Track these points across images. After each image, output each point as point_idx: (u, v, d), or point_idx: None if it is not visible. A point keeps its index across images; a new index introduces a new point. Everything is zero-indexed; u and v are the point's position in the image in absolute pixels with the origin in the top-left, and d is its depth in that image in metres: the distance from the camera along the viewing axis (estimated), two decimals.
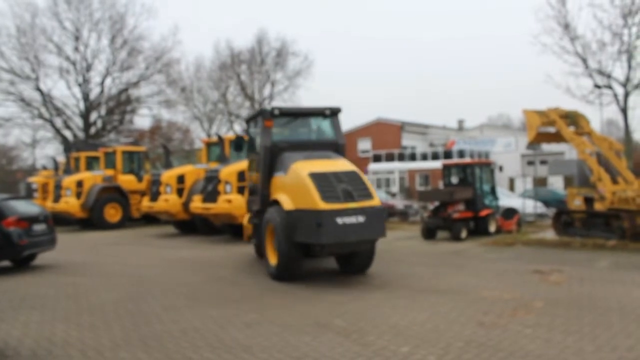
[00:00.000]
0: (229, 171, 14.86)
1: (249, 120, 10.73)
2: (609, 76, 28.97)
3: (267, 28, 79.07)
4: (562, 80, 60.09)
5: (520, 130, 42.99)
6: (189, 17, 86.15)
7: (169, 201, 17.29)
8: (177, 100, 43.46)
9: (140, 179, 22.18)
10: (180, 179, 17.87)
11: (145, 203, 18.42)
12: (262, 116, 9.44)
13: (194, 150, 41.65)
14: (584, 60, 29.19)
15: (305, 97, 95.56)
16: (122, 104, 40.16)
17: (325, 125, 10.12)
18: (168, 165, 20.14)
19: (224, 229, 16.36)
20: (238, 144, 10.69)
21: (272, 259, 8.72)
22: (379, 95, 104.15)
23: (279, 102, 47.77)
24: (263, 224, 9.15)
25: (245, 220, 11.38)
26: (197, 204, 15.32)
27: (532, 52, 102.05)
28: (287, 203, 8.40)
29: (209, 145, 19.95)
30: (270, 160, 9.30)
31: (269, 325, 5.96)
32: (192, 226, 17.81)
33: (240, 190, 14.76)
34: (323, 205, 7.72)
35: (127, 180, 21.86)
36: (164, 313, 6.61)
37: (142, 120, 58.37)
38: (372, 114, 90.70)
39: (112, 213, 21.05)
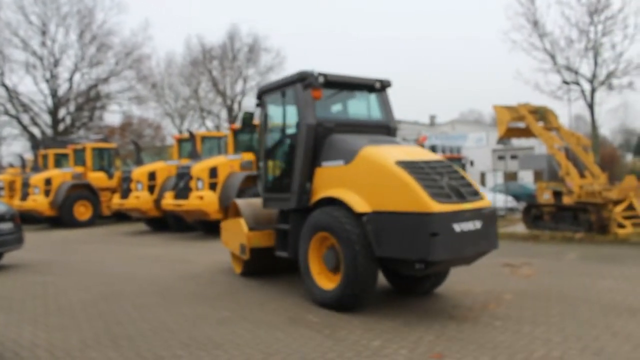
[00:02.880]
0: (200, 167, 14.78)
1: (267, 91, 7.79)
2: (576, 72, 29.50)
3: (239, 24, 78.48)
4: (532, 76, 60.97)
5: (491, 126, 43.59)
6: (159, 12, 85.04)
7: (140, 198, 17.08)
8: (148, 96, 42.94)
9: (110, 176, 21.88)
10: (152, 175, 17.68)
11: (116, 200, 18.17)
12: (305, 83, 6.91)
13: (165, 146, 41.23)
14: (552, 57, 29.65)
15: None
16: (92, 100, 39.45)
17: (372, 102, 7.81)
18: (139, 162, 19.91)
19: (196, 226, 16.29)
20: (246, 121, 8.44)
21: (327, 281, 6.47)
22: None
23: (251, 99, 47.54)
24: (305, 230, 6.68)
25: (231, 220, 9.04)
26: (169, 201, 15.17)
27: (503, 49, 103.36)
28: (359, 203, 6.04)
29: (180, 141, 19.81)
30: (315, 144, 6.92)
31: (242, 322, 5.94)
32: (164, 223, 17.67)
33: (212, 187, 14.70)
34: (436, 207, 5.48)
35: (97, 178, 21.52)
36: (135, 312, 6.53)
37: (112, 116, 57.78)
38: None
39: (82, 211, 20.71)
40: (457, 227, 5.57)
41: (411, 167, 5.90)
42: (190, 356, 4.85)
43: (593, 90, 29.29)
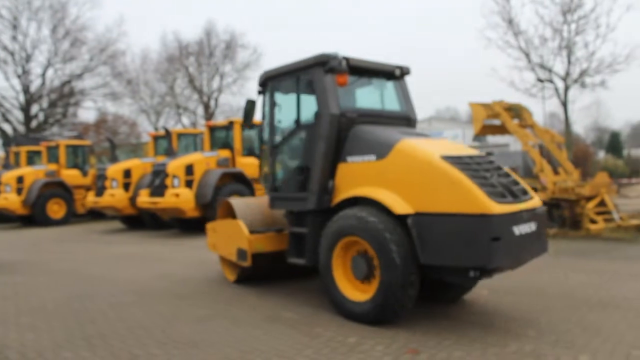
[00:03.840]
0: (176, 165, 14.67)
1: (275, 77, 6.86)
2: (550, 70, 29.95)
3: (216, 20, 77.90)
4: (507, 74, 61.76)
5: (467, 123, 44.04)
6: (134, 8, 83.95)
7: (115, 196, 16.89)
8: (123, 92, 42.38)
9: (85, 174, 21.56)
10: (127, 173, 17.49)
11: (91, 198, 17.92)
12: (327, 67, 6.10)
13: (140, 144, 40.74)
14: (527, 55, 30.07)
15: (254, 89, 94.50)
16: (65, 96, 38.79)
17: (391, 90, 6.99)
18: (114, 159, 19.70)
19: (173, 224, 16.19)
20: (249, 110, 7.25)
21: (357, 291, 5.67)
22: None
23: (227, 96, 47.30)
24: (329, 234, 5.85)
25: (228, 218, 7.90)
26: (144, 199, 15.02)
27: (478, 47, 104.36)
28: (398, 204, 5.31)
29: (156, 138, 19.66)
30: (337, 136, 6.15)
31: (219, 320, 5.90)
32: (140, 221, 17.51)
33: (188, 184, 14.62)
34: (496, 208, 4.84)
35: (71, 175, 21.17)
36: (110, 310, 6.45)
37: (87, 113, 56.85)
38: None
39: (56, 209, 20.37)
40: (517, 230, 5.00)
41: (459, 162, 5.24)
42: (165, 355, 4.81)
43: (566, 88, 29.77)
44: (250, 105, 7.22)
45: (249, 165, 15.93)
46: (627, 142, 65.58)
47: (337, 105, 6.08)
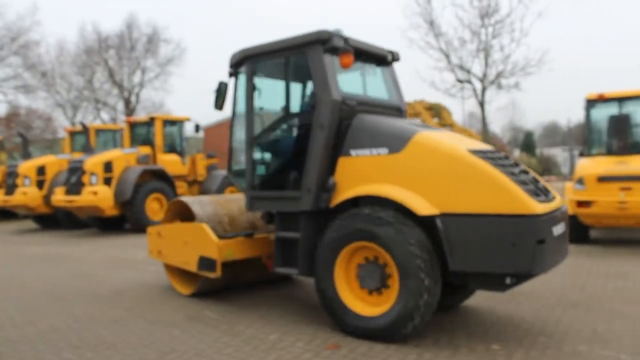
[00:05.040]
0: (94, 161, 14.20)
1: (256, 56, 5.87)
2: (468, 72, 31.17)
3: (138, 13, 75.60)
4: (428, 74, 63.46)
5: None
6: None
7: (27, 194, 16.05)
8: (37, 85, 40.31)
9: None
10: (41, 170, 16.66)
11: (0, 197, 16.97)
12: (329, 46, 5.28)
13: (56, 139, 38.93)
14: (447, 56, 31.16)
15: (178, 84, 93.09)
16: None
17: (379, 77, 6.23)
18: (26, 156, 18.68)
19: (90, 223, 15.67)
20: (220, 94, 6.36)
21: (366, 304, 4.96)
22: None
23: (149, 91, 46.10)
24: (332, 240, 5.04)
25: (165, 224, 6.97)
26: (60, 197, 14.40)
27: (401, 47, 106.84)
28: (421, 204, 4.65)
29: (72, 134, 18.94)
30: (338, 127, 5.35)
31: (137, 320, 5.75)
32: (55, 220, 16.77)
33: (107, 182, 14.19)
34: (538, 207, 4.37)
35: None
36: (20, 315, 6.13)
37: None
38: None
39: None
40: (555, 231, 4.59)
41: (488, 157, 4.70)
42: (79, 358, 4.63)
43: (484, 89, 31.05)
44: (222, 88, 6.34)
45: (170, 163, 15.65)
46: (540, 141, 69.23)
47: (338, 91, 5.30)
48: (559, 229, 4.67)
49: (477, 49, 30.54)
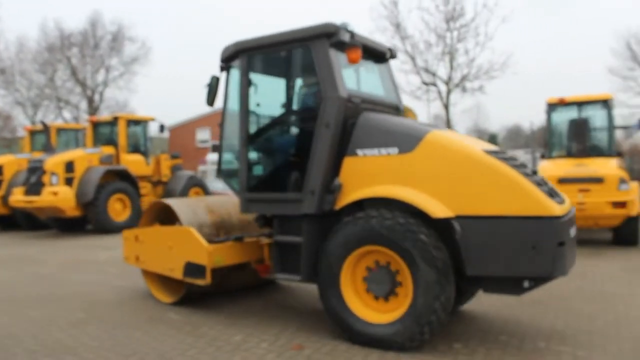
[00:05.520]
0: (55, 161, 13.89)
1: (253, 50, 5.58)
2: (434, 74, 31.48)
3: (102, 10, 74.18)
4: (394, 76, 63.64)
5: None
6: None
7: None
8: None
9: None
10: None
11: None
12: (335, 40, 5.06)
13: (15, 138, 37.93)
14: (413, 59, 31.39)
15: (144, 84, 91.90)
16: None
17: (376, 74, 6.02)
18: None
19: (51, 224, 15.32)
20: (212, 89, 6.03)
21: (374, 312, 4.73)
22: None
23: (114, 90, 45.33)
24: (339, 244, 4.77)
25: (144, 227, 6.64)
26: (19, 197, 14.03)
27: None
28: (435, 205, 4.47)
29: (33, 133, 18.50)
30: (344, 125, 5.08)
31: (98, 323, 5.63)
32: (13, 222, 16.32)
33: (68, 182, 13.91)
34: (557, 209, 4.30)
35: None
36: None
37: None
38: None
39: None
40: (571, 233, 4.56)
41: (503, 158, 4.59)
42: None
43: (449, 92, 31.43)
44: (213, 82, 6.02)
45: (134, 163, 15.41)
46: (504, 143, 70.50)
47: (344, 88, 5.06)
48: (573, 231, 4.64)
49: (443, 52, 30.86)
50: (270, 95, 5.84)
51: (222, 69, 5.97)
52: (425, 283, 4.34)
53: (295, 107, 5.66)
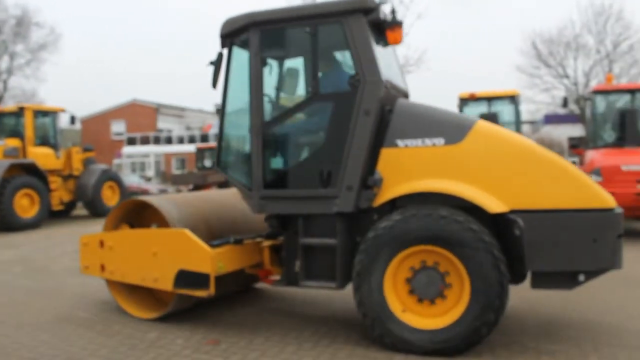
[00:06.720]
0: None
1: (267, 24, 4.88)
2: None
3: None
4: None
5: None
6: None
7: None
8: None
9: None
10: None
11: None
12: (373, 17, 4.59)
13: None
14: None
15: (53, 73, 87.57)
16: None
17: (389, 57, 5.29)
18: None
19: None
20: (218, 69, 5.09)
21: (422, 317, 4.32)
22: (135, 72, 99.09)
23: (20, 78, 42.96)
24: (382, 245, 4.30)
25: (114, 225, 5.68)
26: None
27: None
28: (491, 200, 4.20)
29: None
30: (382, 113, 4.58)
31: (0, 326, 5.33)
32: None
33: None
34: (613, 202, 4.21)
35: None
36: None
37: None
38: (127, 94, 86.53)
39: None
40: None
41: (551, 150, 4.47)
42: None
43: None
44: (220, 59, 5.15)
45: (42, 156, 14.68)
46: None
47: (378, 73, 4.52)
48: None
49: None
50: (290, 76, 5.33)
51: (224, 45, 5.15)
52: (487, 284, 4.07)
53: (322, 91, 4.87)
